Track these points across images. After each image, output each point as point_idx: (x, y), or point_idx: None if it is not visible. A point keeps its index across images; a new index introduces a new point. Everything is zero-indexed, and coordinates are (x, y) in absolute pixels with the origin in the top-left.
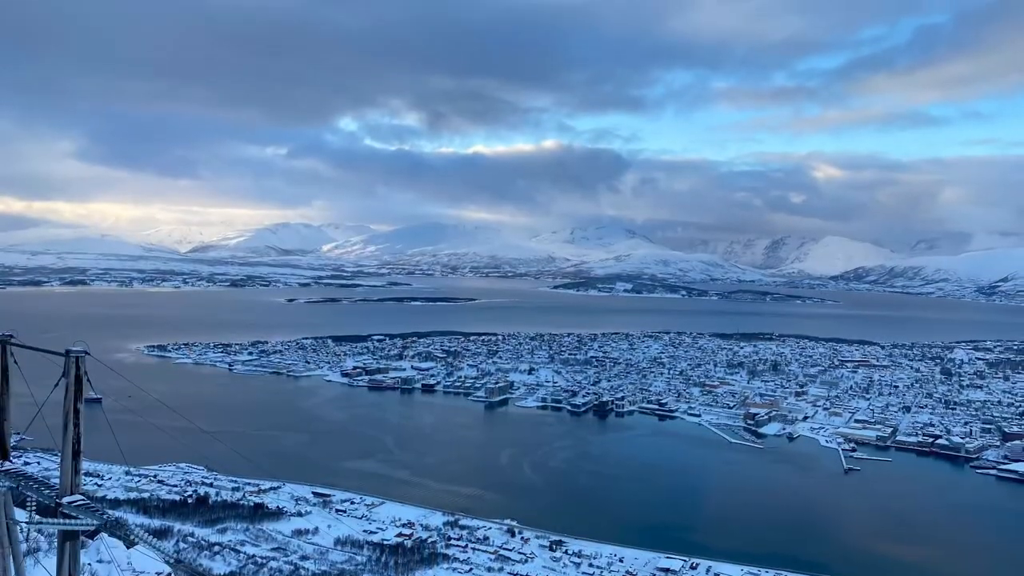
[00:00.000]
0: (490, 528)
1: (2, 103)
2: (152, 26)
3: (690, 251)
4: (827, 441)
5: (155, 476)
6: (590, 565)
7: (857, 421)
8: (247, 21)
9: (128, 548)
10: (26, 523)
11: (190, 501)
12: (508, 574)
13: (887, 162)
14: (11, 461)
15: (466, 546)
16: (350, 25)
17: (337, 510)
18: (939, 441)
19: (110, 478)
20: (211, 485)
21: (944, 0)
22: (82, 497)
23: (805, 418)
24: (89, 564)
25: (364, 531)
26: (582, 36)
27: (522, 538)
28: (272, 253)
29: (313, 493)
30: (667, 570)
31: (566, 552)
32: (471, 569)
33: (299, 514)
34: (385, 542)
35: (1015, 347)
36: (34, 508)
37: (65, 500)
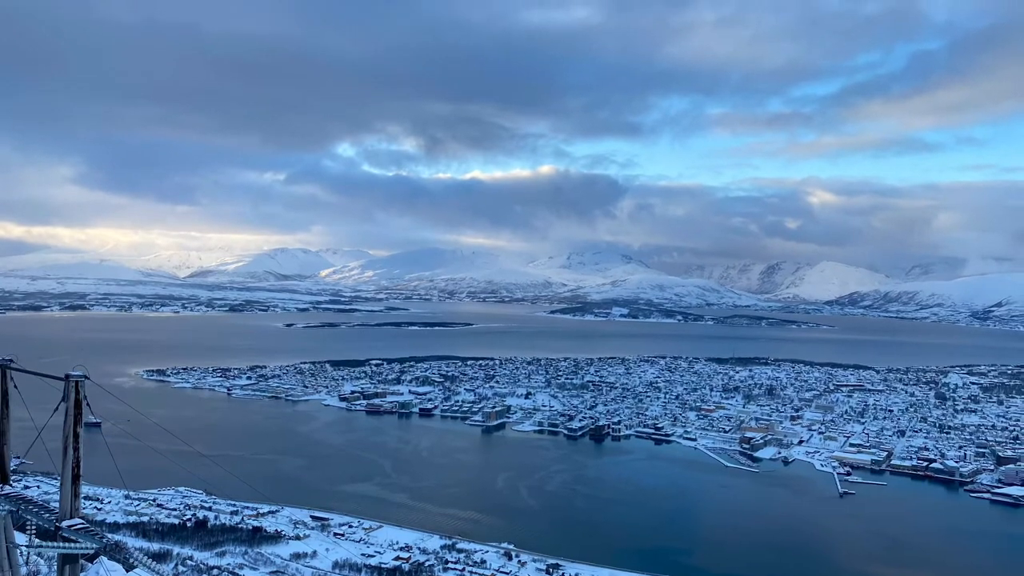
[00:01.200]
0: (487, 551)
1: (1, 129)
2: (151, 53)
3: (686, 276)
4: (822, 465)
5: (154, 500)
6: None
7: (852, 445)
8: (245, 48)
9: (127, 571)
10: (26, 546)
11: (189, 525)
12: None
13: (882, 187)
14: (11, 485)
15: (463, 569)
16: (348, 52)
17: (335, 533)
18: (934, 465)
19: (109, 502)
20: (210, 509)
21: (939, 27)
22: (81, 521)
23: (800, 442)
24: None
25: (362, 554)
26: (579, 63)
27: (519, 561)
28: (270, 278)
29: (311, 516)
30: None
31: (563, 575)
32: None
33: (297, 537)
34: (383, 565)
35: (1009, 371)
36: (34, 532)
37: (65, 524)
